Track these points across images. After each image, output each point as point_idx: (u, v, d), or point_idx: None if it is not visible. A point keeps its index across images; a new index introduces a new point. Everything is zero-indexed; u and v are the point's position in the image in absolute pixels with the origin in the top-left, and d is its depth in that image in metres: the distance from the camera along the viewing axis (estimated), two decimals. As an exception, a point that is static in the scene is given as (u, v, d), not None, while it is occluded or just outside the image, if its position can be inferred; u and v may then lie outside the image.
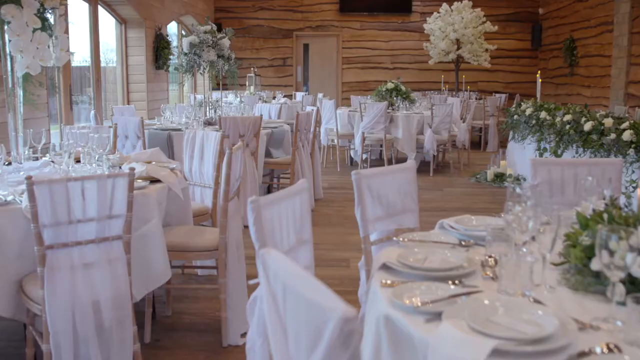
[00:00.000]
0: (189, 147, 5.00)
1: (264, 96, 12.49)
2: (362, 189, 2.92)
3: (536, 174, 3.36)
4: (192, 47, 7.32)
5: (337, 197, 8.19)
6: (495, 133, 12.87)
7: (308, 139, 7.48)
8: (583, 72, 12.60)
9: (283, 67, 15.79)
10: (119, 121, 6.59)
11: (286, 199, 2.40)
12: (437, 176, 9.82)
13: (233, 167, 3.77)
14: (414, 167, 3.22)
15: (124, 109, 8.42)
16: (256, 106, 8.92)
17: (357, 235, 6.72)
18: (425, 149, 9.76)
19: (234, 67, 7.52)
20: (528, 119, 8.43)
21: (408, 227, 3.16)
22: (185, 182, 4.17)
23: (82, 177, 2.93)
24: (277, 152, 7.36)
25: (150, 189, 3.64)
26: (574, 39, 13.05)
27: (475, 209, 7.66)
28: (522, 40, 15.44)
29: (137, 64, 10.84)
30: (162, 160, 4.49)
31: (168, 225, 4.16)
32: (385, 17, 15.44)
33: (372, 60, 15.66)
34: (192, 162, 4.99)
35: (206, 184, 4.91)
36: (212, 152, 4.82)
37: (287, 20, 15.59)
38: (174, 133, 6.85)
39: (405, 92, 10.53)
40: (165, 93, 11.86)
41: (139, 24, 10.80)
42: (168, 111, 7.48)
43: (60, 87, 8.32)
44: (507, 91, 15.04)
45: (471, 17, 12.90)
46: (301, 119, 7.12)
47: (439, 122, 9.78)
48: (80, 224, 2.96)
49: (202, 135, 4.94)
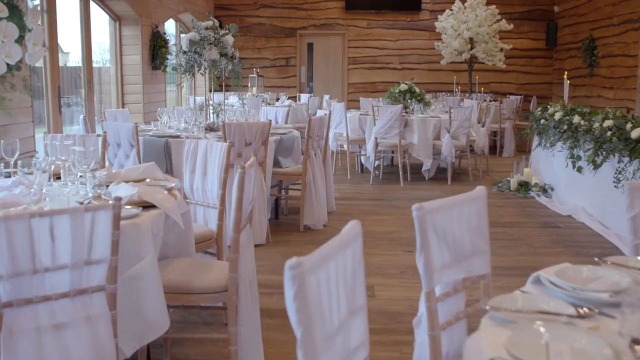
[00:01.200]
0: (190, 160, 4.28)
1: (267, 98, 11.77)
2: (426, 228, 2.19)
3: (634, 203, 2.62)
4: (192, 45, 6.59)
5: (351, 210, 7.47)
6: (512, 137, 12.16)
7: (320, 146, 6.77)
8: (604, 73, 11.89)
9: (286, 67, 15.07)
10: (110, 128, 5.86)
11: (335, 254, 1.69)
12: (455, 185, 9.10)
13: (246, 189, 3.05)
14: (483, 195, 2.50)
15: (118, 113, 7.69)
16: (262, 109, 8.19)
17: (378, 255, 6.06)
18: (443, 155, 9.05)
19: (238, 67, 6.79)
20: (558, 124, 7.72)
21: (478, 275, 2.43)
22: (186, 206, 3.45)
23: (51, 212, 2.21)
24: (286, 161, 6.64)
25: (143, 218, 2.92)
26: (593, 38, 12.34)
27: (503, 223, 6.95)
28: (536, 39, 14.72)
29: (133, 64, 10.11)
30: (158, 176, 3.77)
31: (165, 257, 3.44)
32: (393, 15, 14.72)
33: (380, 61, 14.94)
34: (193, 178, 4.27)
35: (210, 203, 4.19)
36: (217, 165, 4.11)
37: (290, 18, 14.86)
38: (172, 140, 6.13)
39: (419, 94, 9.82)
40: (162, 95, 11.12)
41: (134, 21, 10.08)
42: (165, 115, 6.76)
43: (48, 89, 7.60)
44: (521, 93, 14.32)
45: (486, 15, 12.18)
46: (314, 125, 6.40)
47: (457, 127, 9.06)
48: (49, 273, 2.24)
49: (205, 146, 4.22)
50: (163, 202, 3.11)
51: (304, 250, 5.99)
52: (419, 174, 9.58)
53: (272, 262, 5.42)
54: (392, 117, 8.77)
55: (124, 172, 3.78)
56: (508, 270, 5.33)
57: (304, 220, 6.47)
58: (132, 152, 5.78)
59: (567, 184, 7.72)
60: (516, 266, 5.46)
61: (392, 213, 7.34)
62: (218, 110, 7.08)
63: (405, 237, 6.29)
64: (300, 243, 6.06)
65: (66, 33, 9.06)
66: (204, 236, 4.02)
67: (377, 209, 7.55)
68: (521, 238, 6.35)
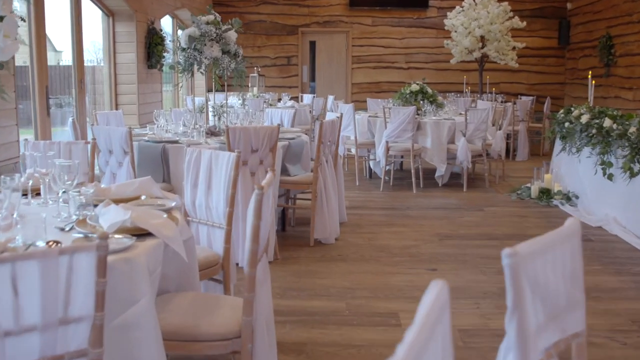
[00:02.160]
0: (192, 172, 3.72)
1: (268, 99, 11.19)
2: (520, 281, 1.62)
3: None
4: (192, 42, 6.02)
5: (363, 221, 6.90)
6: (526, 140, 11.60)
7: (331, 152, 6.21)
8: (622, 73, 11.34)
9: (287, 66, 14.48)
10: (101, 133, 5.28)
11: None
12: (471, 191, 8.54)
13: (264, 214, 2.48)
14: (577, 231, 1.92)
15: (110, 115, 7.11)
16: (267, 111, 7.60)
17: (399, 275, 5.43)
18: (458, 160, 8.49)
19: (242, 66, 6.22)
20: (586, 128, 7.16)
21: (572, 333, 1.86)
22: (189, 231, 2.88)
23: (13, 257, 1.64)
24: (294, 168, 6.08)
25: (137, 251, 2.36)
26: (611, 36, 11.79)
27: (530, 236, 6.34)
28: (547, 37, 14.18)
29: (127, 63, 9.53)
30: (155, 193, 3.20)
31: (165, 291, 2.88)
32: (399, 12, 14.14)
33: (385, 60, 14.36)
34: (195, 193, 3.70)
35: (215, 222, 3.63)
36: (224, 179, 3.55)
37: (291, 15, 14.27)
38: (170, 146, 5.57)
39: (432, 94, 9.26)
40: (158, 95, 10.54)
41: (128, 17, 9.50)
42: (162, 118, 6.18)
43: (35, 89, 7.02)
44: (532, 93, 13.77)
45: (498, 12, 11.62)
46: (325, 129, 5.84)
47: (473, 130, 8.50)
48: (11, 339, 1.67)
49: (210, 157, 3.65)
50: (162, 229, 2.54)
51: (316, 268, 5.42)
52: (432, 180, 9.02)
53: (282, 283, 4.84)
54: (405, 120, 8.21)
55: (115, 188, 3.21)
56: (545, 293, 4.77)
57: (314, 233, 5.90)
58: (126, 160, 5.20)
59: (595, 192, 7.17)
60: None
61: (407, 224, 6.78)
62: (220, 113, 6.51)
63: (426, 253, 5.72)
64: (311, 260, 5.49)
65: (60, 30, 8.51)
66: (208, 262, 3.46)
67: (390, 220, 6.99)
68: (552, 253, 5.78)
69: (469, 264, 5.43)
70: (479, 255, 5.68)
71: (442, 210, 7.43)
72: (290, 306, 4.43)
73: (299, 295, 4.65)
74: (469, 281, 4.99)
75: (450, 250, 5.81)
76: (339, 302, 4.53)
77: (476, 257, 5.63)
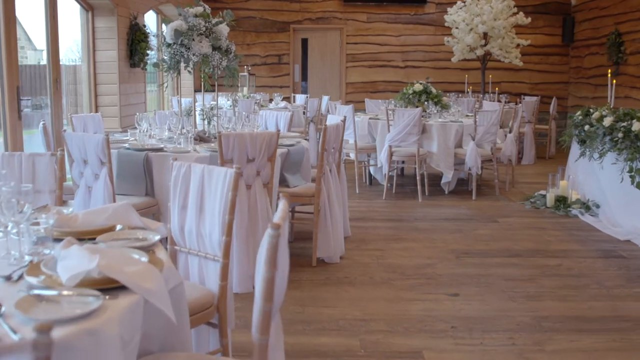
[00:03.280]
0: (180, 190, 3.05)
1: (259, 99, 10.52)
2: None
3: None
4: (178, 36, 5.35)
5: (369, 235, 6.25)
6: (532, 143, 11.00)
7: (335, 160, 5.56)
8: (633, 71, 10.76)
9: (278, 65, 13.79)
10: (74, 140, 4.60)
11: None
12: (481, 200, 7.92)
13: (280, 264, 1.83)
14: None
15: (87, 119, 6.43)
16: (262, 114, 6.91)
17: (417, 302, 4.72)
18: (467, 165, 7.86)
19: (234, 63, 5.56)
20: (610, 131, 6.55)
21: None
22: (177, 276, 2.22)
23: None
24: (294, 178, 5.42)
25: (106, 317, 1.70)
26: (620, 33, 11.21)
27: (554, 251, 5.78)
28: (551, 35, 13.57)
29: (108, 61, 8.81)
30: (134, 222, 2.54)
31: (146, 352, 2.21)
32: (395, 8, 13.49)
33: (381, 58, 13.70)
34: (184, 216, 3.04)
35: (208, 253, 2.97)
36: (219, 200, 2.89)
37: (283, 11, 13.59)
38: (154, 154, 4.90)
39: (436, 95, 8.64)
40: (141, 96, 9.82)
41: (109, 12, 8.79)
42: (145, 122, 5.50)
43: (5, 90, 6.31)
44: (535, 93, 13.17)
45: (502, 7, 11.00)
46: (329, 135, 5.18)
47: (483, 133, 7.88)
48: None
49: (202, 173, 2.99)
50: (140, 281, 1.88)
51: (321, 294, 4.62)
52: (437, 186, 8.40)
53: (284, 315, 4.17)
54: (410, 122, 7.57)
55: (83, 216, 2.54)
56: (586, 324, 4.14)
57: (317, 252, 5.25)
58: (103, 171, 4.52)
59: (620, 201, 6.56)
60: (593, 317, 4.26)
61: (417, 239, 6.14)
62: (210, 116, 5.84)
63: (444, 274, 5.08)
64: (315, 284, 4.83)
65: (41, 29, 7.81)
66: (200, 304, 2.80)
67: (398, 233, 6.34)
68: (584, 273, 5.16)
69: (493, 287, 4.79)
70: (503, 276, 5.05)
71: (454, 222, 6.79)
72: (295, 345, 3.77)
73: (305, 331, 3.99)
74: (498, 310, 4.35)
75: (470, 270, 5.18)
76: (351, 339, 3.88)
77: (500, 278, 5.00)
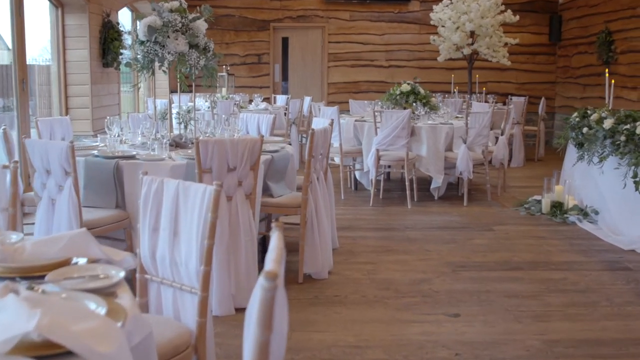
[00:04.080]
0: (152, 209, 2.63)
1: (239, 100, 10.08)
2: None
3: None
4: (152, 33, 4.91)
5: (357, 246, 5.85)
6: (522, 145, 10.67)
7: (322, 167, 5.15)
8: (624, 71, 10.46)
9: (258, 65, 13.35)
10: (35, 148, 4.15)
11: None
12: (473, 206, 7.55)
13: (278, 322, 1.40)
14: None
15: (55, 123, 5.95)
16: (243, 117, 6.45)
17: (415, 325, 3.97)
18: (458, 170, 7.49)
19: (213, 62, 5.13)
20: (612, 134, 6.21)
21: None
22: (145, 326, 1.79)
23: None
24: (278, 187, 4.99)
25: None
26: (610, 31, 10.91)
27: (557, 263, 5.42)
28: (537, 33, 13.27)
29: (78, 60, 8.34)
30: (94, 254, 2.11)
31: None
32: (378, 6, 13.09)
33: (364, 57, 13.31)
34: (155, 240, 2.62)
35: (185, 284, 2.55)
36: (197, 222, 2.47)
37: (263, 9, 13.14)
38: (125, 162, 4.45)
39: (425, 96, 8.27)
40: (115, 97, 9.34)
41: (80, 8, 8.32)
42: (116, 126, 5.06)
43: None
44: (521, 93, 12.85)
45: (489, 5, 10.65)
46: (317, 140, 4.77)
47: (475, 135, 7.52)
48: None
49: (176, 190, 2.57)
50: (94, 343, 1.45)
51: (310, 315, 4.13)
52: (426, 192, 8.02)
53: (269, 342, 3.75)
54: (399, 125, 7.17)
55: (31, 247, 2.10)
56: (601, 348, 3.77)
57: (303, 267, 4.84)
58: (68, 182, 4.08)
59: (622, 208, 6.23)
60: (608, 340, 3.89)
61: (410, 250, 5.75)
62: (186, 120, 5.41)
63: (441, 290, 4.69)
64: (303, 304, 4.41)
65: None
66: (175, 345, 2.38)
67: (389, 244, 5.95)
68: (591, 288, 4.79)
69: (496, 305, 4.41)
70: (505, 292, 4.67)
71: (447, 231, 6.41)
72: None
73: (294, 360, 3.58)
74: (504, 333, 3.96)
75: (469, 286, 4.79)
76: (345, 370, 3.47)
77: (502, 295, 4.62)
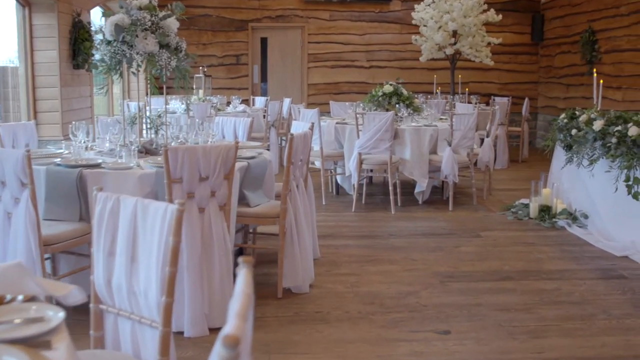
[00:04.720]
0: (107, 231, 2.32)
1: (216, 102, 9.75)
2: None
3: None
4: (120, 32, 4.60)
5: (340, 256, 5.57)
6: (506, 146, 10.46)
7: (302, 173, 4.86)
8: (609, 71, 10.27)
9: (236, 66, 13.03)
10: (-12, 157, 3.82)
11: None
12: (458, 210, 7.30)
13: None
14: None
15: (18, 128, 5.62)
16: (218, 120, 6.13)
17: (403, 344, 3.45)
18: (443, 173, 7.23)
19: (185, 63, 4.82)
20: (603, 136, 5.98)
21: None
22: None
23: None
24: (254, 196, 4.70)
25: None
26: (594, 31, 10.73)
27: (548, 272, 5.17)
28: (520, 33, 13.08)
29: (47, 62, 7.98)
30: (29, 289, 1.81)
31: None
32: (359, 5, 12.83)
33: (344, 58, 13.04)
34: (111, 266, 2.32)
35: (144, 316, 2.24)
36: (158, 246, 2.18)
37: (241, 9, 12.82)
38: (89, 172, 4.13)
39: (408, 97, 8.01)
40: (87, 100, 8.98)
41: (48, 7, 7.96)
42: (82, 132, 4.74)
43: None
44: (504, 93, 12.65)
45: (472, 4, 10.43)
46: (296, 145, 4.49)
47: (460, 138, 7.27)
48: None
49: (134, 208, 2.27)
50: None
51: (290, 335, 3.82)
52: (410, 196, 7.76)
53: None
54: (382, 127, 6.91)
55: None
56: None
57: (282, 281, 4.54)
58: (24, 194, 3.75)
59: (613, 212, 6.01)
60: (609, 357, 3.64)
61: (395, 259, 5.48)
62: (157, 124, 5.09)
63: (429, 304, 4.41)
64: (282, 322, 4.11)
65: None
66: (132, 387, 2.07)
67: (373, 253, 5.67)
68: (586, 299, 4.55)
69: (488, 320, 4.14)
70: (496, 305, 4.41)
71: (432, 238, 6.15)
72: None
73: (272, 388, 3.28)
74: (498, 351, 3.70)
75: (458, 299, 4.52)
76: (329, 398, 3.18)
77: (494, 308, 4.36)
